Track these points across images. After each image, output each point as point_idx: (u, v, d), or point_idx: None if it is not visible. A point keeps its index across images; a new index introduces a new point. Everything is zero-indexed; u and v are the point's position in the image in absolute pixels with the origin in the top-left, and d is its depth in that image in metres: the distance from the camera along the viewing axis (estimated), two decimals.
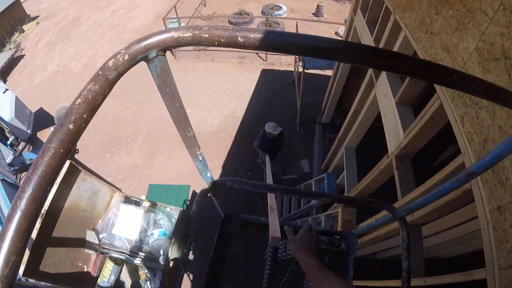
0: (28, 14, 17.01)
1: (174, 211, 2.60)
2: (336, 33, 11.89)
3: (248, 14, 13.49)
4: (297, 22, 9.31)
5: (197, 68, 10.86)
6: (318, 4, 13.43)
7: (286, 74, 10.35)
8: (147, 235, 2.43)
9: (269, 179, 3.20)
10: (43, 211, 1.92)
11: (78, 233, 2.27)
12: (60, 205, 2.14)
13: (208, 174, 1.40)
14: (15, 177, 8.02)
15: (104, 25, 13.98)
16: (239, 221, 2.14)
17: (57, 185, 2.06)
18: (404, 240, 1.63)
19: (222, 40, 0.55)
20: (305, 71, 7.27)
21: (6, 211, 3.56)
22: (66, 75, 11.48)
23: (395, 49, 3.42)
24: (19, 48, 14.09)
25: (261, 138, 5.94)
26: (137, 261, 2.34)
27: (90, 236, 2.29)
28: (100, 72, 0.57)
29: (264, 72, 10.53)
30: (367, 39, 4.65)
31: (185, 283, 6.16)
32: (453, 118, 2.14)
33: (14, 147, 7.83)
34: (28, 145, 8.06)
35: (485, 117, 1.74)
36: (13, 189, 4.52)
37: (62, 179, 2.10)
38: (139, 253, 2.34)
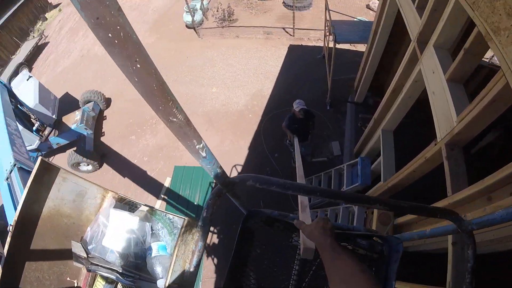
0: (50, 2, 17.00)
1: (177, 220, 2.20)
2: (368, 6, 10.94)
3: None
4: None
5: (221, 46, 10.48)
6: None
7: (315, 50, 9.75)
8: (144, 249, 2.09)
9: (299, 165, 2.86)
10: (13, 222, 1.66)
11: (63, 243, 1.97)
12: (36, 212, 1.85)
13: (219, 172, 1.07)
14: None
15: (126, 6, 13.72)
16: (264, 218, 1.85)
17: (27, 189, 1.74)
18: (469, 260, 1.28)
19: None
20: (336, 46, 6.72)
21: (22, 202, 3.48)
22: (91, 59, 11.48)
23: (444, 17, 2.92)
24: (43, 36, 14.17)
25: (289, 118, 5.58)
26: (131, 282, 2.01)
27: (76, 248, 1.96)
28: None
29: (292, 48, 9.97)
30: (407, 8, 4.10)
31: (209, 267, 6.07)
32: None
33: (40, 133, 7.94)
34: (54, 129, 8.14)
35: None
36: None
37: (33, 180, 1.77)
38: (134, 272, 2.01)
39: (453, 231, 1.39)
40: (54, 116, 8.10)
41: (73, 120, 8.07)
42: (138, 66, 0.46)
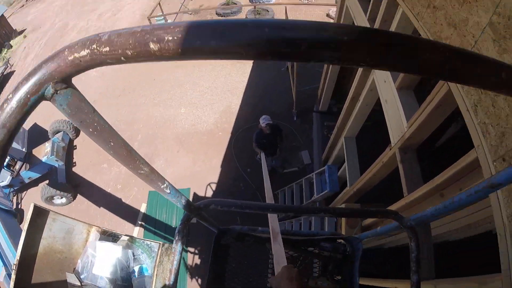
0: (14, 29, 16.34)
1: (154, 245, 2.50)
2: (328, 15, 11.53)
3: (236, 4, 13.03)
4: (286, 7, 8.94)
5: (187, 65, 10.51)
6: None
7: (280, 63, 9.97)
8: (129, 272, 2.29)
9: (267, 188, 2.94)
10: (15, 261, 1.88)
11: (58, 276, 2.18)
12: (33, 251, 2.06)
13: (184, 202, 1.22)
14: (15, 197, 7.88)
15: (91, 30, 13.59)
16: (235, 234, 1.95)
17: (25, 234, 1.96)
18: (413, 251, 1.44)
19: (129, 53, 0.39)
20: None
21: (2, 241, 3.47)
22: None
23: (393, 28, 3.14)
24: (9, 65, 13.69)
25: (257, 134, 5.71)
26: None
27: (71, 278, 2.19)
28: None
29: (257, 62, 10.09)
30: (360, 19, 4.37)
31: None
32: (464, 107, 1.89)
33: (11, 168, 7.64)
34: (24, 163, 7.86)
35: (503, 106, 1.49)
36: (9, 215, 4.32)
37: (29, 224, 2.01)
38: None
39: (397, 228, 1.54)
40: (24, 150, 7.83)
41: (43, 152, 7.82)
42: (112, 144, 0.63)
